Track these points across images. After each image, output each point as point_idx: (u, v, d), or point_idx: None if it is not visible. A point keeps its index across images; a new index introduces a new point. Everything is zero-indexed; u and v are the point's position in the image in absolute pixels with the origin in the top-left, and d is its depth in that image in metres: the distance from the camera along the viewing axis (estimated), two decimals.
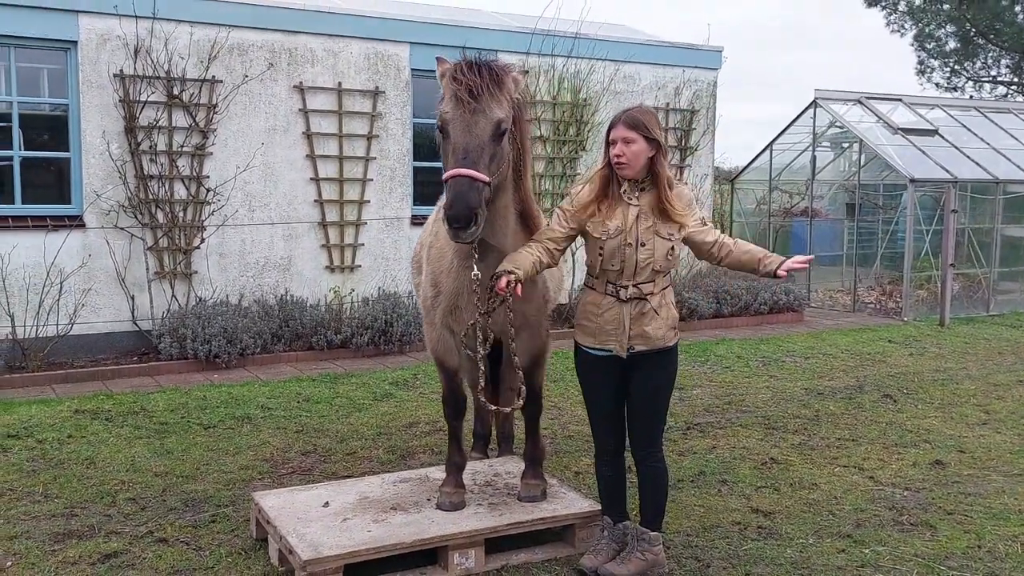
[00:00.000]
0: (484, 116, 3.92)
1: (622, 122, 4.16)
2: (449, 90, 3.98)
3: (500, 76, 4.02)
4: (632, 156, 4.13)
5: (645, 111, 4.25)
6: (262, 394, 8.02)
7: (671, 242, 4.19)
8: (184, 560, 4.57)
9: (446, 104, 3.98)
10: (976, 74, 29.30)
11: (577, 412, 7.30)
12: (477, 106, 3.91)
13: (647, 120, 4.16)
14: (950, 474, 6.04)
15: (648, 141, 4.14)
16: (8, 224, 9.09)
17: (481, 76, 3.94)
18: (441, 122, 3.99)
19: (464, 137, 3.89)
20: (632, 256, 4.17)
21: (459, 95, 3.91)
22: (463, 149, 3.88)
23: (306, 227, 10.52)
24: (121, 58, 9.36)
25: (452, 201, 3.79)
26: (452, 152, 3.92)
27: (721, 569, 4.49)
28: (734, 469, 6.08)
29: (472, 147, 3.88)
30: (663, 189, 4.17)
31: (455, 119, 3.93)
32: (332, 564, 4.13)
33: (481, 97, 3.91)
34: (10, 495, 5.47)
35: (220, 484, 5.70)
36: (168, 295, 9.73)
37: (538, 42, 11.33)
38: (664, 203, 4.16)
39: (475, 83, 3.91)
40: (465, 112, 3.91)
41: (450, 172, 3.86)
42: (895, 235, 13.94)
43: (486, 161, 3.91)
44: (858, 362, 9.80)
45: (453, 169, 3.85)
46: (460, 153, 3.87)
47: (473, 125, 3.91)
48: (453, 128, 3.93)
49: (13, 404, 7.59)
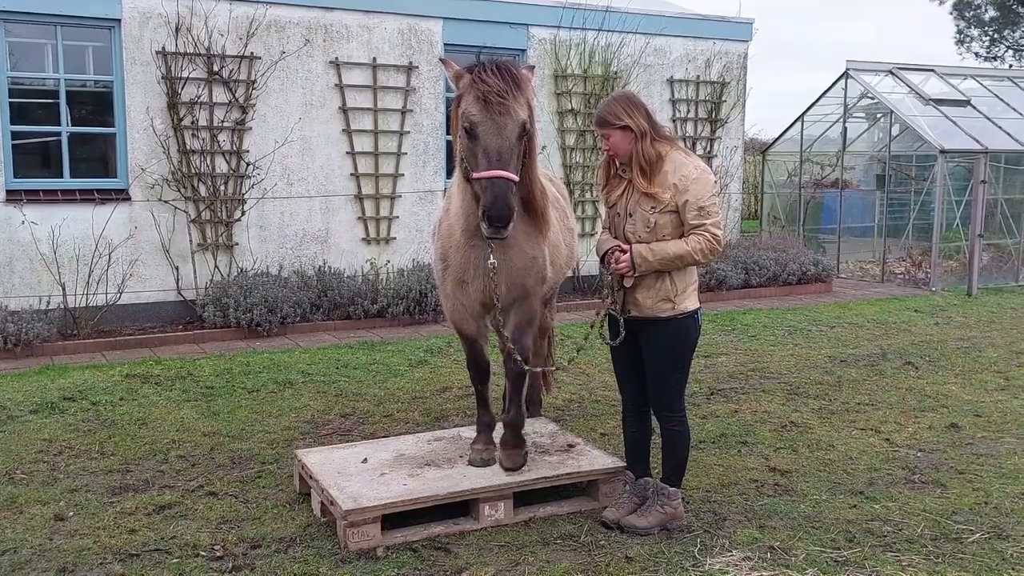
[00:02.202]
0: (511, 118, 4.14)
1: (595, 123, 4.51)
2: (475, 93, 4.15)
3: (520, 78, 4.22)
4: (614, 146, 4.45)
5: (612, 102, 4.48)
6: (302, 360, 8.35)
7: (652, 215, 4.40)
8: (233, 511, 4.90)
9: (472, 107, 4.16)
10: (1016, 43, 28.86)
11: (604, 378, 7.54)
12: (505, 108, 4.12)
13: (613, 111, 4.42)
14: (964, 436, 6.22)
15: (621, 129, 4.40)
16: (57, 197, 9.47)
17: (504, 79, 4.14)
18: (469, 124, 4.16)
19: (496, 140, 4.11)
20: (621, 225, 4.51)
21: (489, 98, 4.10)
22: (496, 151, 4.10)
23: (342, 200, 10.81)
24: (163, 36, 9.66)
25: (493, 202, 4.02)
26: (483, 153, 4.12)
27: (737, 522, 4.73)
28: (754, 431, 6.30)
29: (504, 149, 4.11)
30: (635, 170, 4.42)
31: (484, 122, 4.12)
32: (371, 514, 4.43)
33: (507, 100, 4.12)
34: (68, 452, 5.84)
35: (264, 443, 6.03)
36: (211, 266, 10.08)
37: (569, 16, 11.49)
38: (637, 181, 4.41)
39: (501, 87, 4.11)
40: (495, 115, 4.11)
41: (488, 173, 4.08)
42: (927, 206, 13.93)
43: (515, 161, 4.18)
44: (883, 331, 9.93)
45: (490, 171, 4.07)
46: (493, 155, 4.09)
47: (503, 127, 4.12)
48: (483, 130, 4.12)
49: (67, 369, 7.99)
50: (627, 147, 4.42)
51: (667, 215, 4.38)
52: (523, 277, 4.73)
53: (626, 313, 4.54)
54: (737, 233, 13.81)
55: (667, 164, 4.41)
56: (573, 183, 12.08)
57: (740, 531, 4.61)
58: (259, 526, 4.70)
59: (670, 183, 4.37)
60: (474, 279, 4.66)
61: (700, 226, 4.36)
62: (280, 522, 4.76)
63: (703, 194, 4.37)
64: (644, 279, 4.45)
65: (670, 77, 12.79)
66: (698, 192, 4.37)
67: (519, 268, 4.68)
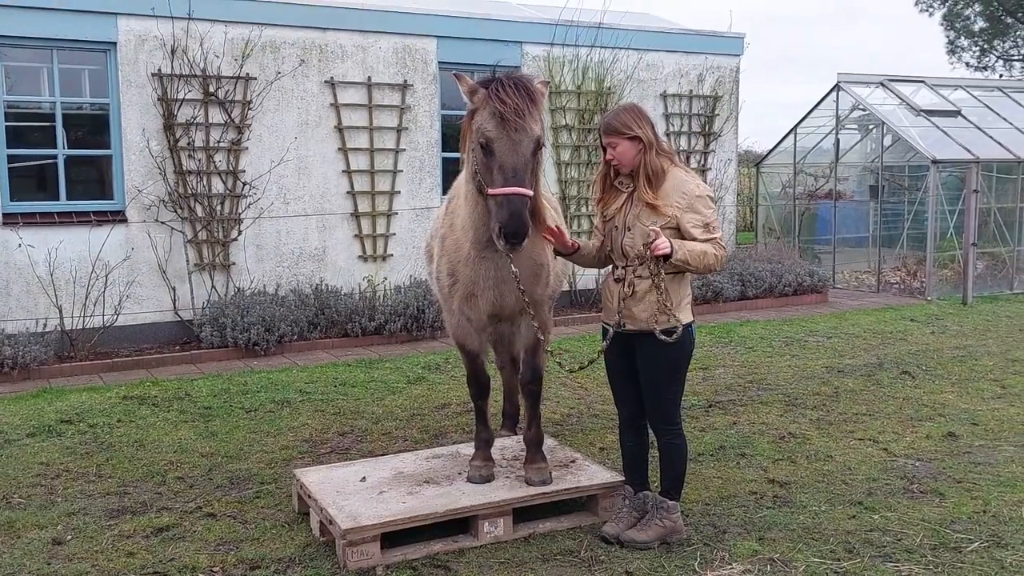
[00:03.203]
0: (527, 135, 4.16)
1: (602, 130, 4.51)
2: (491, 109, 4.16)
3: (535, 94, 4.24)
4: (620, 155, 4.45)
5: (621, 112, 4.51)
6: (300, 379, 8.36)
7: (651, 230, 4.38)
8: (231, 532, 4.89)
9: (488, 123, 4.16)
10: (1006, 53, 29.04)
11: (602, 392, 7.55)
12: (522, 125, 4.14)
13: (623, 121, 4.44)
14: (962, 445, 6.23)
15: (630, 139, 4.42)
16: (54, 220, 9.49)
17: (521, 96, 4.15)
18: (485, 140, 4.17)
19: (512, 156, 4.13)
20: (619, 239, 4.51)
21: (506, 115, 4.11)
22: (512, 168, 4.12)
23: (339, 218, 10.84)
24: (159, 58, 9.71)
25: (509, 218, 4.04)
26: (499, 169, 4.13)
27: (736, 535, 4.74)
28: (753, 443, 6.31)
29: (520, 166, 4.13)
30: (641, 181, 4.43)
31: (501, 138, 4.13)
32: (370, 532, 4.42)
33: (524, 117, 4.14)
34: (66, 476, 5.82)
35: (263, 463, 6.03)
36: (208, 286, 10.10)
37: (562, 32, 11.57)
38: (642, 192, 4.42)
39: (519, 104, 4.12)
40: (511, 132, 4.13)
41: (504, 190, 4.09)
42: (920, 216, 13.99)
43: (530, 177, 4.20)
44: (880, 341, 9.96)
45: (506, 188, 4.09)
46: (509, 171, 4.11)
47: (519, 144, 4.14)
48: (499, 147, 4.14)
49: (64, 391, 7.99)
50: (633, 157, 4.43)
51: (667, 232, 4.40)
52: (532, 285, 4.77)
53: (620, 326, 4.55)
54: (733, 245, 13.86)
55: (668, 179, 4.45)
56: (568, 198, 12.12)
57: (740, 543, 4.62)
58: (258, 547, 4.69)
59: (672, 199, 4.41)
60: (484, 291, 4.71)
61: (710, 240, 4.42)
62: (279, 542, 4.75)
63: (707, 212, 4.44)
64: (639, 292, 4.46)
65: (663, 92, 12.86)
66: (702, 210, 4.43)
67: (529, 276, 4.72)
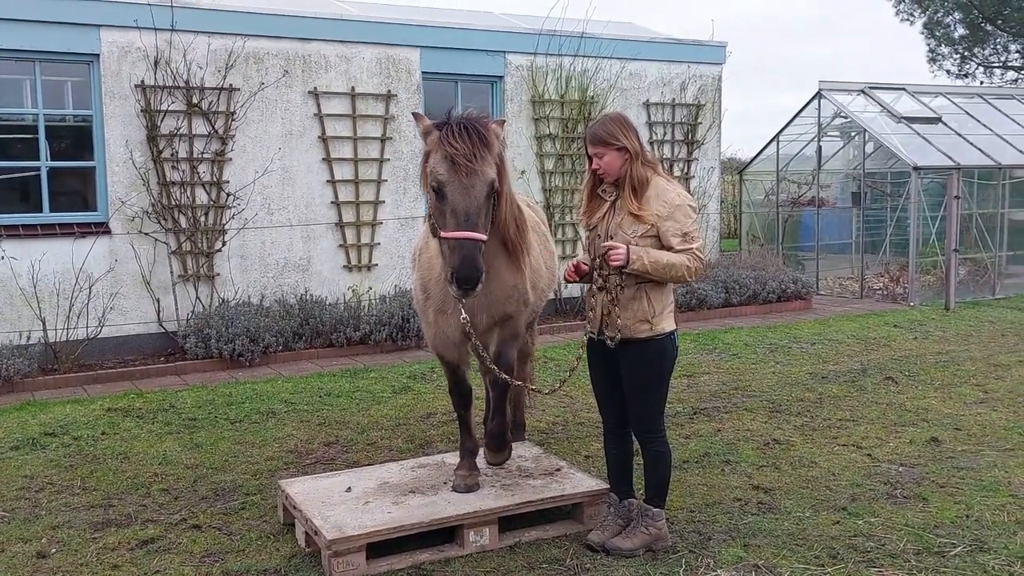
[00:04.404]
0: (479, 178, 4.15)
1: (588, 140, 4.52)
2: (443, 153, 4.14)
3: (487, 137, 4.22)
4: (607, 165, 4.46)
5: (608, 122, 4.51)
6: (285, 390, 8.34)
7: (633, 239, 4.41)
8: (217, 544, 4.87)
9: (439, 166, 4.16)
10: (986, 60, 29.30)
11: (587, 400, 7.56)
12: (472, 170, 4.12)
13: (610, 131, 4.45)
14: (945, 450, 6.28)
15: (617, 150, 4.44)
16: (37, 232, 9.45)
17: (472, 141, 4.12)
18: (436, 183, 4.17)
19: (463, 201, 4.11)
20: (601, 248, 4.49)
21: (456, 160, 4.09)
22: (464, 212, 4.10)
23: (323, 228, 10.84)
24: (142, 69, 9.70)
25: (461, 263, 4.01)
26: (451, 213, 4.12)
27: (721, 542, 4.76)
28: (737, 450, 6.34)
29: (472, 209, 4.12)
30: (627, 191, 4.45)
31: (452, 182, 4.12)
32: (355, 543, 4.42)
33: (474, 161, 4.12)
34: (50, 488, 5.79)
35: (248, 474, 6.01)
36: (192, 297, 10.07)
37: (545, 42, 11.61)
38: (627, 201, 4.44)
39: (468, 150, 4.10)
40: (461, 176, 4.11)
41: (454, 234, 4.06)
42: (903, 222, 14.09)
43: (483, 220, 4.19)
44: (863, 347, 10.02)
45: (456, 232, 4.06)
46: (461, 216, 4.09)
47: (471, 188, 4.13)
48: (451, 191, 4.12)
49: (48, 404, 7.94)
50: (619, 167, 4.45)
51: (648, 239, 4.42)
52: (504, 305, 4.79)
53: (602, 335, 4.57)
54: (717, 252, 13.93)
55: (651, 188, 4.47)
56: (553, 206, 12.16)
57: (725, 550, 4.63)
58: (243, 558, 4.68)
59: (653, 208, 4.42)
60: (454, 311, 4.68)
61: (687, 250, 4.42)
62: (264, 554, 4.74)
63: (686, 221, 4.44)
64: (622, 299, 4.48)
65: (646, 100, 12.92)
66: (681, 219, 4.43)
67: (500, 297, 4.73)
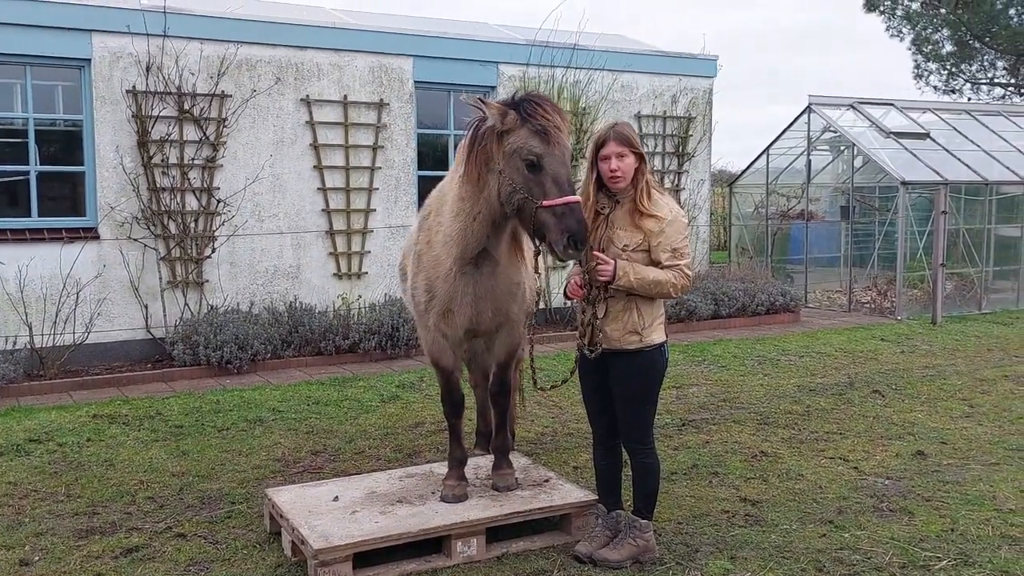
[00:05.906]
0: (567, 149, 4.38)
1: (613, 139, 4.46)
2: (533, 127, 4.30)
3: (563, 112, 4.47)
4: (627, 169, 4.46)
5: (625, 126, 4.56)
6: (273, 398, 8.31)
7: (623, 253, 4.43)
8: (202, 553, 4.84)
9: (531, 140, 4.29)
10: (973, 76, 29.47)
11: (577, 411, 7.57)
12: (563, 140, 4.36)
13: (633, 134, 4.50)
14: (931, 464, 6.30)
15: (635, 154, 4.45)
16: (25, 237, 9.40)
17: (561, 114, 4.39)
18: (535, 157, 4.30)
19: (563, 168, 4.31)
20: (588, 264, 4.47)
21: (549, 131, 4.30)
22: (566, 179, 4.29)
23: (314, 236, 10.82)
24: (133, 75, 9.68)
25: (578, 225, 4.18)
26: (553, 182, 4.26)
27: (708, 554, 4.76)
28: (725, 462, 6.35)
29: (568, 176, 4.32)
30: (640, 193, 4.46)
31: (548, 153, 4.29)
32: (342, 552, 4.40)
33: (563, 132, 4.37)
34: (34, 496, 5.75)
35: (234, 483, 5.98)
36: (181, 304, 10.03)
37: (538, 53, 11.64)
38: (639, 206, 4.45)
39: (559, 121, 4.35)
40: (556, 146, 4.31)
41: (565, 199, 4.21)
42: (891, 236, 14.17)
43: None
44: (850, 360, 10.06)
45: (564, 198, 4.21)
46: (565, 182, 4.27)
47: (564, 156, 4.34)
48: (548, 162, 4.28)
49: (33, 410, 7.89)
50: (633, 172, 4.48)
51: (639, 254, 4.44)
52: (507, 303, 4.92)
53: (594, 347, 4.57)
54: (706, 264, 13.97)
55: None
56: None
57: (712, 563, 4.64)
58: (229, 567, 4.66)
59: (647, 224, 4.44)
60: (461, 307, 4.82)
61: (675, 266, 4.44)
62: (250, 563, 4.72)
63: (677, 236, 4.46)
64: (612, 311, 4.49)
65: (637, 112, 12.97)
66: (672, 234, 4.45)
67: (504, 294, 4.88)
